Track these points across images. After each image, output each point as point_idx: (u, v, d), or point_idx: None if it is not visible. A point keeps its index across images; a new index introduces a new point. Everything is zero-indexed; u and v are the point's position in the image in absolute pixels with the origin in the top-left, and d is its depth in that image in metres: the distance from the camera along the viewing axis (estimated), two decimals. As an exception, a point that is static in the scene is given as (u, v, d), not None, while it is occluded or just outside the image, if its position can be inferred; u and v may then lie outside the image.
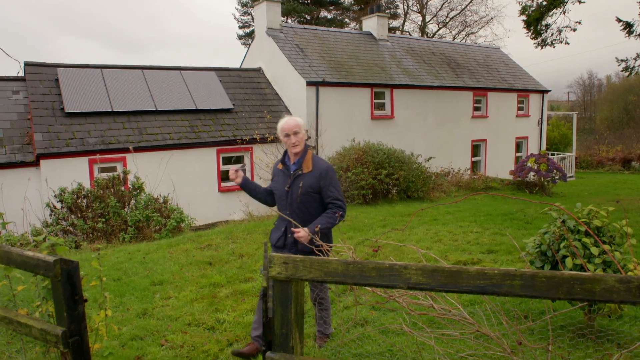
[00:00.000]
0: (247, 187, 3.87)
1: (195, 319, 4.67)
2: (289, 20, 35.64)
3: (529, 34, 15.95)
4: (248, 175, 14.23)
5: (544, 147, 22.42)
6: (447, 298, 2.58)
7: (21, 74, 12.73)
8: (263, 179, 13.78)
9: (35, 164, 10.73)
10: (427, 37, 33.54)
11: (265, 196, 3.92)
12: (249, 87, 15.91)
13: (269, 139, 13.68)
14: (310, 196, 3.63)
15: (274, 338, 2.15)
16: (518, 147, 21.68)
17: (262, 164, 13.90)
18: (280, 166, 3.81)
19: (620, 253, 3.80)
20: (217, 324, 4.54)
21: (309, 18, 36.00)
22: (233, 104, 14.74)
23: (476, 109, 19.60)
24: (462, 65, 20.32)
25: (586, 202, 9.29)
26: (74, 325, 2.37)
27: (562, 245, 3.81)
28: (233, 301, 5.16)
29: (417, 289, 1.92)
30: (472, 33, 35.02)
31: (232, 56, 67.19)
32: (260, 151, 13.97)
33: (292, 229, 3.48)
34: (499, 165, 20.06)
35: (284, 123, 3.71)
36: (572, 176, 21.67)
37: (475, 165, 19.89)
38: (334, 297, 5.10)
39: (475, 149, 19.88)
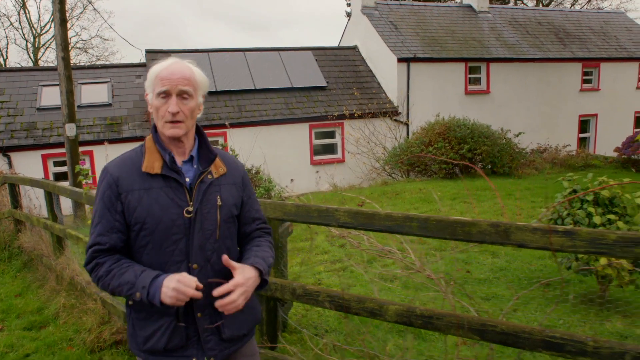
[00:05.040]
0: None
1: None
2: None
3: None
4: (339, 150, 15.00)
5: (671, 122, 20.24)
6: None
7: (143, 60, 14.70)
8: (351, 153, 14.46)
9: (151, 137, 12.52)
10: (542, 5, 31.27)
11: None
12: (343, 65, 16.56)
13: (356, 115, 14.30)
14: (233, 225, 1.86)
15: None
16: (638, 122, 19.83)
17: (352, 138, 14.57)
18: (154, 167, 1.73)
19: (627, 223, 3.92)
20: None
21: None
22: (327, 82, 15.51)
23: (585, 81, 18.29)
24: (572, 35, 18.99)
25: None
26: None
27: (565, 213, 4.03)
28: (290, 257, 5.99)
29: (345, 227, 2.51)
30: (596, -3, 31.85)
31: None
32: (348, 126, 14.64)
33: (218, 293, 1.66)
34: (613, 142, 18.47)
35: (162, 69, 1.74)
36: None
37: (583, 142, 18.67)
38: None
39: (584, 124, 18.63)
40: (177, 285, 1.58)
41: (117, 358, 3.59)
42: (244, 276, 1.70)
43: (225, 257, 1.72)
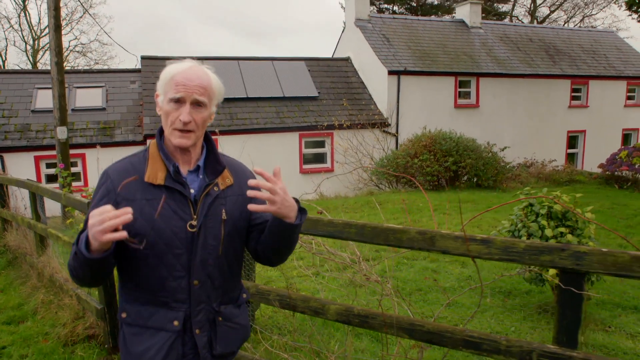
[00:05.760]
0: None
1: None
2: (396, 7, 35.82)
3: (631, 14, 14.99)
4: (328, 160, 15.24)
5: (658, 140, 20.57)
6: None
7: (138, 66, 14.97)
8: (339, 163, 14.70)
9: (142, 143, 12.79)
10: (537, 22, 31.73)
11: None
12: (336, 76, 16.85)
13: (345, 125, 14.56)
14: (237, 239, 1.77)
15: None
16: (625, 139, 20.16)
17: (340, 149, 14.82)
18: (157, 178, 1.64)
19: (577, 236, 4.15)
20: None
21: (414, 4, 35.84)
22: (319, 92, 15.78)
23: (574, 98, 18.63)
24: (562, 52, 19.36)
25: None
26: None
27: (519, 226, 4.26)
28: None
29: (293, 232, 2.72)
30: (589, 16, 32.41)
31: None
32: (338, 137, 14.89)
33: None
34: (600, 158, 18.77)
35: (179, 72, 1.65)
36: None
37: (571, 158, 18.97)
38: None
39: (572, 140, 18.94)
40: (94, 216, 1.35)
41: (88, 351, 3.79)
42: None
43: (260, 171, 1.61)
